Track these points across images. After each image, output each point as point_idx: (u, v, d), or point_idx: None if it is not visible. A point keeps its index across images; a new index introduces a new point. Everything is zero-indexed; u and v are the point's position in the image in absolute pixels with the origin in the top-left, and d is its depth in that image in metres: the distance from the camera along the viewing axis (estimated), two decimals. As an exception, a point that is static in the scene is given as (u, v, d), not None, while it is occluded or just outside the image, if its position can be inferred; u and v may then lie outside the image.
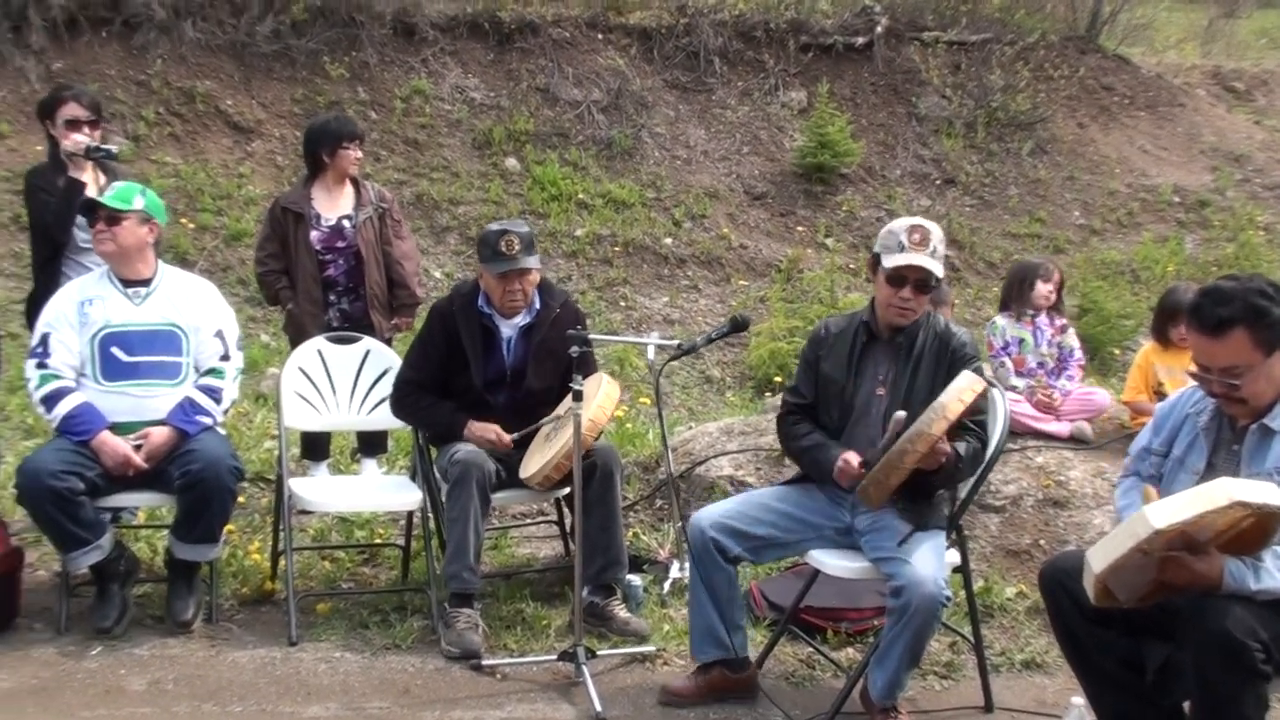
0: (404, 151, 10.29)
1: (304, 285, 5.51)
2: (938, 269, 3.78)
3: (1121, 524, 2.97)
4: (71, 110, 5.02)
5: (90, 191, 4.79)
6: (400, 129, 10.40)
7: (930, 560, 3.57)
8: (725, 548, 3.82)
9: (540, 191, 10.27)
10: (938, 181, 11.68)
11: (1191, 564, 2.89)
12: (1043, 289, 5.82)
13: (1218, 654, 2.84)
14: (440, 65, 11.03)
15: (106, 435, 4.22)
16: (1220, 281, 3.17)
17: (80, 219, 4.77)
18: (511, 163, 10.52)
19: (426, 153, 10.33)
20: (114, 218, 4.40)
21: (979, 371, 3.79)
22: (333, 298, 5.57)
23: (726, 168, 11.23)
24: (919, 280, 3.78)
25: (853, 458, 3.73)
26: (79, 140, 4.88)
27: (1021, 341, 5.84)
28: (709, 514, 3.91)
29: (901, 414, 3.58)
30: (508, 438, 4.46)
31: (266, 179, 9.60)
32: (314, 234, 5.50)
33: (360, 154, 5.63)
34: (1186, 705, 3.13)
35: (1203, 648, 2.88)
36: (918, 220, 3.87)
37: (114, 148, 5.02)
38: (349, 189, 5.62)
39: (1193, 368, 3.19)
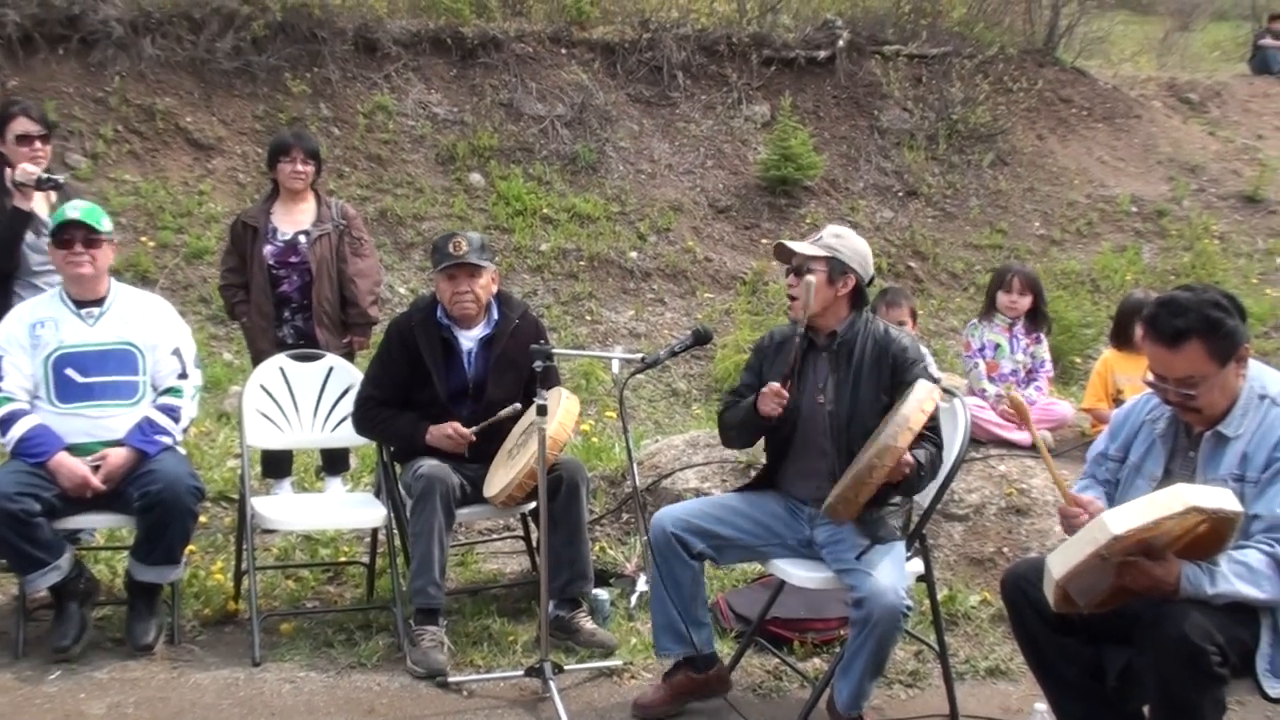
0: (367, 167, 10.24)
1: (257, 300, 5.51)
2: (801, 248, 3.88)
3: (1081, 531, 3.00)
4: (23, 125, 4.96)
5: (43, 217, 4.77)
6: (363, 145, 10.36)
7: (891, 570, 3.59)
8: (688, 544, 3.83)
9: (505, 206, 10.26)
10: (900, 193, 11.76)
11: (1149, 569, 2.93)
12: (1004, 299, 5.86)
13: (1176, 658, 2.86)
14: (403, 81, 11.00)
15: (63, 457, 4.18)
16: (1176, 292, 3.21)
17: (32, 241, 4.78)
18: (475, 178, 10.51)
19: (390, 168, 10.30)
20: (93, 240, 4.37)
21: (926, 375, 3.83)
22: (287, 314, 5.55)
23: (691, 181, 11.26)
24: (795, 266, 3.89)
25: (773, 384, 3.76)
26: (29, 171, 4.83)
27: (997, 347, 5.87)
28: (671, 512, 3.93)
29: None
30: (466, 431, 4.44)
31: (228, 196, 9.53)
32: (268, 249, 5.49)
33: (304, 167, 5.52)
34: (1147, 709, 3.16)
35: (1161, 652, 2.91)
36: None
37: (60, 177, 4.98)
38: (310, 205, 5.60)
39: (1149, 376, 3.23)
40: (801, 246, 3.91)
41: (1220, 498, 2.88)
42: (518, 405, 4.42)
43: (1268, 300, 10.90)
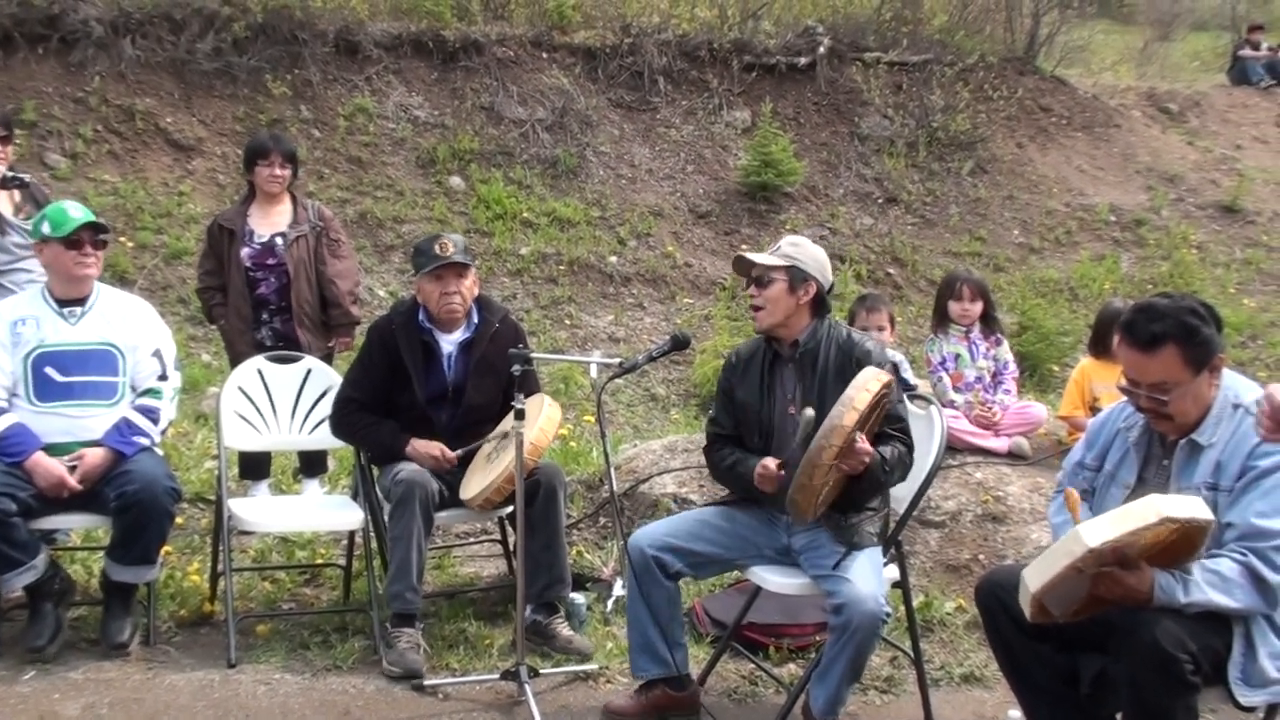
0: (347, 170, 10.23)
1: (235, 302, 5.49)
2: (761, 259, 3.92)
3: (1056, 542, 3.02)
4: None
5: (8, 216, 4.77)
6: (344, 147, 10.35)
7: (869, 577, 3.60)
8: (666, 564, 3.84)
9: (485, 210, 10.26)
10: (880, 200, 11.81)
11: (1123, 578, 2.95)
12: (955, 308, 5.88)
13: (1148, 666, 2.89)
14: (384, 83, 10.99)
15: (40, 456, 4.16)
16: (1154, 298, 3.23)
17: None
18: (456, 181, 10.50)
19: (370, 171, 10.28)
20: (99, 241, 4.39)
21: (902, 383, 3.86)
22: (265, 316, 5.55)
23: (671, 186, 11.28)
24: (755, 277, 3.91)
25: (769, 462, 3.76)
26: None
27: (958, 357, 5.90)
28: (649, 532, 3.93)
29: (810, 412, 3.59)
30: (451, 454, 4.45)
31: (207, 197, 9.50)
32: (245, 251, 5.48)
33: (282, 170, 5.53)
34: (1120, 717, 3.18)
35: (1134, 660, 2.93)
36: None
37: (26, 176, 4.96)
38: (286, 207, 5.60)
39: (1122, 381, 3.25)
40: (761, 257, 3.93)
41: (1192, 506, 2.91)
42: (502, 430, 4.40)
43: (1245, 310, 11.01)
